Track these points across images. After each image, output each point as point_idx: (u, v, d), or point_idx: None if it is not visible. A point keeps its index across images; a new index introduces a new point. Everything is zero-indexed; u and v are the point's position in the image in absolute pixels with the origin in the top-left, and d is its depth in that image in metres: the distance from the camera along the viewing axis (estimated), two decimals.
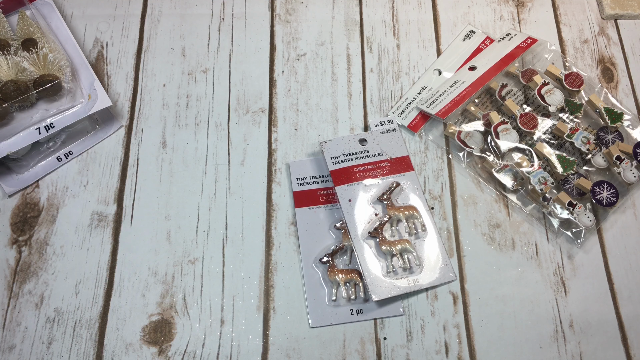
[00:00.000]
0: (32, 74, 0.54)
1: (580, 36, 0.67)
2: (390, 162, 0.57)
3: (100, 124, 0.58)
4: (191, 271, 0.53)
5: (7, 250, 0.53)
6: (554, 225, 0.56)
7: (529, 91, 0.62)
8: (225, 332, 0.51)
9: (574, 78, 0.60)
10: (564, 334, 0.52)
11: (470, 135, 0.58)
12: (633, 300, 0.54)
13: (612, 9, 0.68)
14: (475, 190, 0.58)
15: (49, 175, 0.56)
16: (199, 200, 0.56)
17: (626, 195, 0.58)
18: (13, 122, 0.54)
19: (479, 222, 0.56)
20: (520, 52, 0.62)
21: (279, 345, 0.51)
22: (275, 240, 0.55)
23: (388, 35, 0.66)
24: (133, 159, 0.58)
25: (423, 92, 0.62)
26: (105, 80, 0.61)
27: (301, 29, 0.65)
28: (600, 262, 0.56)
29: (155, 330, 0.51)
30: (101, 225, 0.54)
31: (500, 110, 0.60)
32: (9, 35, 0.57)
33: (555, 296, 0.54)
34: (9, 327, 0.50)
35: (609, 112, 0.59)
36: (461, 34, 0.66)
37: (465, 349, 0.51)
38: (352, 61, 0.64)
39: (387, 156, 0.57)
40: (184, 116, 0.60)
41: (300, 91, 0.62)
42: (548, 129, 0.59)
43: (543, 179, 0.55)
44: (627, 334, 0.53)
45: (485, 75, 0.61)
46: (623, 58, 0.66)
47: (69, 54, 0.58)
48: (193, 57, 0.63)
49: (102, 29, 0.64)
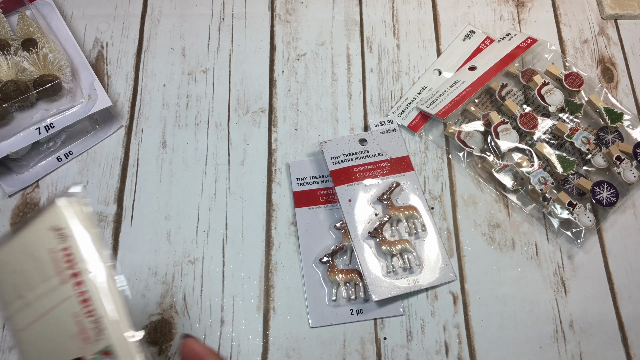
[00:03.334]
0: (32, 74, 0.54)
1: (580, 36, 0.67)
2: (390, 162, 0.57)
3: (100, 124, 0.58)
4: (191, 271, 0.53)
5: None
6: (554, 225, 0.56)
7: (529, 91, 0.62)
8: (225, 332, 0.51)
9: (574, 78, 0.60)
10: (564, 334, 0.52)
11: (470, 135, 0.58)
12: (633, 300, 0.54)
13: (612, 9, 0.68)
14: (475, 190, 0.58)
15: (49, 175, 0.56)
16: (199, 200, 0.56)
17: (626, 195, 0.58)
18: (13, 122, 0.54)
19: (479, 222, 0.56)
20: (520, 52, 0.62)
21: (279, 345, 0.51)
22: (275, 240, 0.55)
23: (388, 35, 0.66)
24: (133, 159, 0.58)
25: (423, 92, 0.62)
26: (105, 80, 0.61)
27: (301, 29, 0.65)
28: (600, 262, 0.56)
29: (155, 330, 0.51)
30: (101, 225, 0.54)
31: (500, 110, 0.60)
32: (9, 35, 0.57)
33: (555, 296, 0.54)
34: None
35: (609, 112, 0.59)
36: (461, 33, 0.66)
37: (465, 349, 0.51)
38: (352, 61, 0.64)
39: (387, 156, 0.57)
40: (184, 116, 0.60)
41: (300, 91, 0.62)
42: (548, 129, 0.59)
43: (543, 179, 0.55)
44: (627, 334, 0.53)
45: (485, 75, 0.61)
46: (623, 58, 0.66)
47: (69, 54, 0.58)
48: (193, 57, 0.63)
49: (102, 29, 0.64)
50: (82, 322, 0.32)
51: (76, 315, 0.32)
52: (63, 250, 0.33)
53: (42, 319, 0.33)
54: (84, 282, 0.32)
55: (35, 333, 0.33)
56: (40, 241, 0.33)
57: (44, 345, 0.33)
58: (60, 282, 0.32)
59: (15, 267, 0.34)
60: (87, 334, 0.32)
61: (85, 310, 0.32)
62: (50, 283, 0.33)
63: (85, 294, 0.32)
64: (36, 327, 0.33)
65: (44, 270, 0.33)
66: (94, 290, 0.32)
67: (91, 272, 0.32)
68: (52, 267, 0.33)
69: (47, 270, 0.33)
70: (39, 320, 0.33)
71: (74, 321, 0.32)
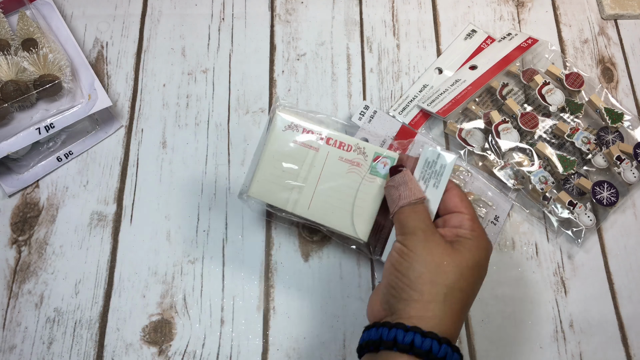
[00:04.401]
0: (32, 74, 0.54)
1: (580, 36, 0.67)
2: (396, 140, 0.57)
3: (100, 124, 0.58)
4: (191, 271, 0.53)
5: (7, 250, 0.53)
6: (554, 224, 0.56)
7: (529, 91, 0.61)
8: (225, 332, 0.51)
9: (575, 78, 0.60)
10: (564, 334, 0.52)
11: (471, 134, 0.58)
12: (633, 300, 0.54)
13: (612, 9, 0.68)
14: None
15: (48, 175, 0.56)
16: (199, 200, 0.56)
17: (626, 195, 0.58)
18: (13, 122, 0.54)
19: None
20: (521, 52, 0.62)
21: (279, 345, 0.50)
22: (275, 240, 0.55)
23: (388, 35, 0.66)
24: (133, 159, 0.58)
25: (424, 91, 0.62)
26: (105, 80, 0.61)
27: (301, 29, 0.65)
28: (600, 262, 0.56)
29: (155, 331, 0.51)
30: (101, 225, 0.54)
31: (501, 110, 0.60)
32: (9, 35, 0.57)
33: (555, 296, 0.54)
34: (9, 327, 0.50)
35: (610, 112, 0.59)
36: (462, 33, 0.66)
37: (466, 349, 0.51)
38: (352, 61, 0.64)
39: (389, 138, 0.57)
40: (184, 116, 0.60)
41: (300, 91, 0.62)
42: (549, 129, 0.59)
43: (544, 178, 0.55)
44: (627, 334, 0.53)
45: (486, 74, 0.61)
46: (623, 58, 0.66)
47: (69, 54, 0.58)
48: (193, 57, 0.63)
49: (102, 29, 0.64)
50: (347, 157, 0.46)
51: (340, 158, 0.46)
52: (303, 132, 0.47)
53: (321, 179, 0.46)
54: (327, 137, 0.46)
55: (323, 192, 0.46)
56: (285, 137, 0.47)
57: (333, 196, 0.46)
58: (314, 150, 0.46)
59: (283, 163, 0.47)
60: (355, 161, 0.46)
61: (341, 151, 0.46)
62: (309, 155, 0.46)
63: (332, 140, 0.46)
64: (321, 188, 0.46)
65: (299, 153, 0.46)
66: (337, 136, 0.46)
67: (323, 132, 0.47)
68: (302, 149, 0.46)
69: (301, 152, 0.46)
70: (320, 182, 0.46)
71: (341, 162, 0.46)
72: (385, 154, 0.46)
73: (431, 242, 0.39)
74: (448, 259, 0.38)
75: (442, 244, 0.39)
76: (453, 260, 0.38)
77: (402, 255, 0.39)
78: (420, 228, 0.40)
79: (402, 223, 0.41)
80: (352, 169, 0.46)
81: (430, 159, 0.43)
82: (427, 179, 0.43)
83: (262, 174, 0.47)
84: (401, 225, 0.41)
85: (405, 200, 0.41)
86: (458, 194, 0.43)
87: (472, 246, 0.39)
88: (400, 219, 0.41)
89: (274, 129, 0.47)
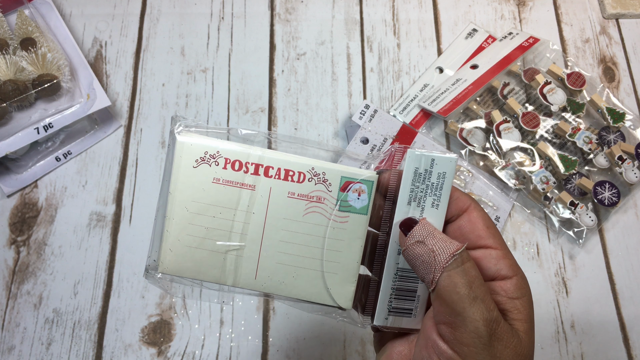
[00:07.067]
0: (30, 74, 0.54)
1: (581, 35, 0.67)
2: (397, 140, 0.57)
3: (99, 123, 0.58)
4: None
5: (6, 250, 0.53)
6: (555, 225, 0.55)
7: (531, 90, 0.61)
8: (224, 333, 0.51)
9: (576, 77, 0.60)
10: (565, 335, 0.52)
11: (472, 134, 0.58)
12: (634, 301, 0.54)
13: (614, 8, 0.68)
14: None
15: (47, 175, 0.56)
16: None
17: (628, 195, 0.57)
18: (12, 122, 0.54)
19: None
20: (522, 51, 0.62)
21: (278, 346, 0.50)
22: None
23: (388, 34, 0.65)
24: (132, 159, 0.57)
25: (425, 90, 0.62)
26: (104, 79, 0.61)
27: (301, 28, 0.65)
28: (601, 263, 0.55)
29: (154, 331, 0.50)
30: (100, 225, 0.54)
31: (502, 109, 0.60)
32: (7, 34, 0.57)
33: (557, 297, 0.53)
34: (7, 327, 0.50)
35: (611, 112, 0.58)
36: (463, 32, 0.66)
37: None
38: (352, 60, 0.64)
39: (390, 137, 0.57)
40: (183, 116, 0.59)
41: (300, 91, 0.62)
42: (550, 129, 0.59)
43: (545, 178, 0.55)
44: (628, 334, 0.52)
45: (487, 73, 0.61)
46: (624, 57, 0.66)
47: (68, 54, 0.58)
48: (192, 57, 0.63)
49: (101, 28, 0.63)
50: (300, 191, 0.32)
51: (290, 194, 0.31)
52: (226, 164, 0.32)
53: (267, 232, 0.32)
54: (259, 162, 0.32)
55: (273, 250, 0.32)
56: (199, 178, 0.32)
57: (290, 252, 0.32)
58: (249, 189, 0.32)
59: (204, 216, 0.32)
60: (314, 195, 0.32)
61: (289, 183, 0.32)
62: (242, 198, 0.32)
63: (273, 170, 0.32)
64: (269, 244, 0.32)
65: (226, 198, 0.32)
66: (277, 160, 0.32)
67: (252, 153, 0.32)
68: (230, 190, 0.32)
69: (228, 195, 0.31)
70: (266, 236, 0.32)
71: (294, 200, 0.32)
72: (359, 177, 0.32)
73: (496, 347, 0.26)
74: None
75: (510, 345, 0.27)
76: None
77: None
78: (484, 319, 0.26)
79: (451, 303, 0.26)
80: (312, 208, 0.32)
81: (420, 168, 0.30)
82: (420, 198, 0.30)
83: (174, 237, 0.32)
84: (451, 310, 0.26)
85: (445, 254, 0.27)
86: (482, 216, 0.29)
87: (521, 352, 0.27)
88: (445, 293, 0.26)
89: (179, 167, 0.32)
